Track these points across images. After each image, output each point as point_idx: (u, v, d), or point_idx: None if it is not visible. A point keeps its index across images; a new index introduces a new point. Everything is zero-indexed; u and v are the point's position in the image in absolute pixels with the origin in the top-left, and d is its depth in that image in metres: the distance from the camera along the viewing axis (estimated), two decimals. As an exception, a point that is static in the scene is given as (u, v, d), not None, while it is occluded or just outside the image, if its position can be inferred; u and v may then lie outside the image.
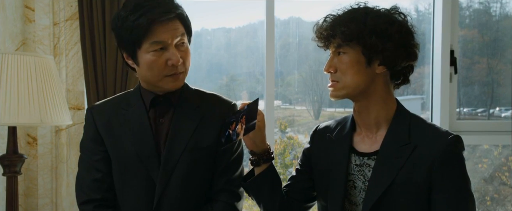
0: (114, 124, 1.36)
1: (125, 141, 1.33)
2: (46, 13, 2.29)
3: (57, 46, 2.31)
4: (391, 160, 1.18)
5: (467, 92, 2.71)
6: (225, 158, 1.38)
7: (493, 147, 2.84)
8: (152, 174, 1.30)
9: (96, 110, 1.40)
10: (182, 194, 1.31)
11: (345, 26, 1.17)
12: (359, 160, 1.25)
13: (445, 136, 1.16)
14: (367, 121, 1.25)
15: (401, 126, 1.21)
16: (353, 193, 1.25)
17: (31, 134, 2.33)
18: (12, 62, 1.75)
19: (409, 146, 1.17)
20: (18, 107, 1.74)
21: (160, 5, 1.22)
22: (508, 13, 2.75)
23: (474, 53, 2.71)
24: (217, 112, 1.37)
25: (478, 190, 2.81)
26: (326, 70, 1.24)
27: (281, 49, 2.83)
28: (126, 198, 1.34)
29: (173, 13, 1.23)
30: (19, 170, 1.90)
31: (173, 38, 1.24)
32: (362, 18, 1.17)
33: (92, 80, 2.22)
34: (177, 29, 1.24)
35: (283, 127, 3.09)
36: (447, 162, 1.14)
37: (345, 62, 1.19)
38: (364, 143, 1.27)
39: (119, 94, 1.46)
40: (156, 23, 1.21)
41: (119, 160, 1.34)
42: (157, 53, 1.24)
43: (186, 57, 1.29)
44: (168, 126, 1.33)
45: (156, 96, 1.34)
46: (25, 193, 2.33)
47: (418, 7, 2.81)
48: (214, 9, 2.71)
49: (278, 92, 2.81)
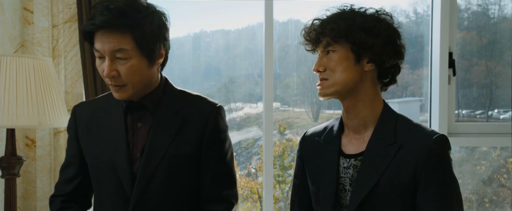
0: (93, 126, 1.34)
1: (100, 146, 1.31)
2: (45, 15, 2.29)
3: (56, 49, 2.31)
4: (377, 160, 1.18)
5: (465, 94, 2.72)
6: (212, 163, 1.32)
7: (491, 149, 2.85)
8: (125, 187, 1.27)
9: (79, 110, 1.40)
10: (160, 206, 1.27)
11: (334, 23, 1.19)
12: (346, 162, 1.25)
13: (430, 136, 1.16)
14: (355, 121, 1.25)
15: (387, 126, 1.22)
16: (343, 196, 1.25)
17: (30, 136, 2.32)
18: (10, 64, 1.75)
19: (394, 146, 1.17)
20: (17, 109, 1.74)
21: (105, 13, 1.14)
22: (506, 15, 2.75)
23: (473, 55, 2.72)
24: (200, 114, 1.31)
25: (477, 192, 2.81)
26: (316, 69, 1.23)
27: (279, 51, 2.83)
28: (103, 205, 1.34)
29: (115, 24, 1.15)
30: (17, 172, 1.90)
31: (108, 50, 1.17)
32: (350, 16, 1.20)
33: (91, 82, 2.22)
34: (112, 42, 1.16)
35: (282, 129, 3.10)
36: (431, 161, 1.14)
37: (334, 59, 1.20)
38: (352, 145, 1.27)
39: (105, 94, 1.43)
40: (97, 31, 1.17)
41: (93, 166, 1.34)
42: (99, 60, 1.21)
43: (126, 72, 1.19)
44: (146, 131, 1.29)
45: (130, 102, 1.30)
46: (24, 196, 2.32)
47: (416, 9, 2.82)
48: (212, 11, 2.71)
49: (276, 94, 2.81)
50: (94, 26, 1.16)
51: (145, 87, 1.27)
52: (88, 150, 1.34)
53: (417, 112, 2.81)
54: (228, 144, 1.37)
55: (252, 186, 3.17)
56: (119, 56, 1.18)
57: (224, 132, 1.36)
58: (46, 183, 2.32)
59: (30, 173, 2.32)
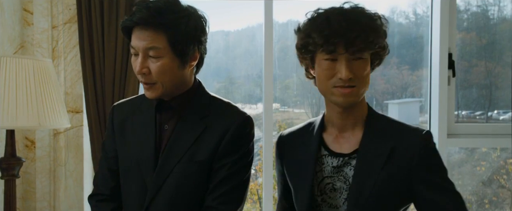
0: (127, 124, 1.37)
1: (131, 143, 1.34)
2: (44, 16, 2.29)
3: (55, 49, 2.31)
4: (372, 158, 1.20)
5: (465, 95, 2.72)
6: (218, 174, 1.28)
7: (491, 149, 2.84)
8: (145, 180, 1.29)
9: (117, 108, 1.43)
10: (172, 205, 1.27)
11: (363, 31, 1.14)
12: (337, 161, 1.25)
13: (419, 132, 1.22)
14: (348, 121, 1.25)
15: (376, 125, 1.25)
16: (333, 195, 1.25)
17: (29, 137, 2.32)
18: (10, 65, 1.75)
19: (388, 144, 1.20)
20: (16, 110, 1.74)
21: (143, 11, 1.18)
22: (505, 16, 2.75)
23: (472, 56, 2.72)
24: (224, 123, 1.28)
25: (477, 193, 2.81)
26: (348, 77, 1.15)
27: (279, 52, 2.83)
28: (124, 199, 1.37)
29: (150, 22, 1.18)
30: (17, 173, 1.90)
31: (142, 48, 1.20)
32: (375, 23, 1.18)
33: (91, 83, 2.22)
34: (146, 40, 1.19)
35: (281, 130, 3.10)
36: (426, 155, 1.19)
37: (363, 67, 1.17)
38: (338, 143, 1.27)
39: (142, 94, 1.43)
40: (134, 28, 1.21)
41: (122, 162, 1.36)
42: (134, 57, 1.24)
43: (157, 70, 1.21)
44: (170, 133, 1.30)
45: (161, 102, 1.31)
46: (23, 197, 2.32)
47: (416, 10, 2.82)
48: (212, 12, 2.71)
49: (276, 95, 2.81)
50: (131, 22, 1.20)
51: (176, 88, 1.28)
52: (121, 147, 1.36)
53: (416, 113, 2.81)
54: (246, 159, 1.32)
55: (252, 187, 3.16)
56: (152, 54, 1.20)
57: (243, 144, 1.30)
58: (46, 184, 2.32)
59: (29, 174, 2.32)
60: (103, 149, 1.44)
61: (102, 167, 1.42)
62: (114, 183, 1.39)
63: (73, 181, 2.34)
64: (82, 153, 2.34)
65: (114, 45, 2.21)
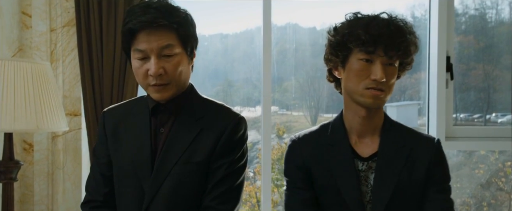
0: (121, 129, 1.36)
1: (125, 148, 1.32)
2: (43, 19, 2.29)
3: (54, 53, 2.31)
4: (392, 161, 1.26)
5: (463, 98, 2.72)
6: (216, 175, 1.29)
7: (489, 152, 2.85)
8: (143, 184, 1.28)
9: (107, 113, 1.41)
10: (170, 207, 1.27)
11: (412, 44, 1.23)
12: (361, 164, 1.29)
13: (432, 139, 1.32)
14: (369, 127, 1.30)
15: (393, 130, 1.31)
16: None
17: (27, 140, 2.32)
18: (8, 68, 1.75)
19: (406, 148, 1.28)
20: (15, 113, 1.73)
21: (149, 12, 1.17)
22: (503, 19, 2.76)
23: (470, 59, 2.73)
24: (219, 124, 1.29)
25: (475, 196, 2.81)
26: (383, 78, 1.19)
27: (278, 55, 2.83)
28: (120, 204, 1.35)
29: (160, 23, 1.17)
30: (15, 177, 1.89)
31: (155, 48, 1.19)
32: (416, 37, 1.26)
33: (89, 86, 2.22)
34: (160, 40, 1.19)
35: (280, 133, 3.10)
36: (440, 161, 1.30)
37: (393, 74, 1.24)
38: (359, 148, 1.31)
39: (134, 99, 1.45)
40: (140, 31, 1.18)
41: (117, 166, 1.35)
42: (140, 61, 1.22)
43: (173, 69, 1.22)
44: (166, 136, 1.30)
45: (157, 105, 1.31)
46: (21, 200, 2.32)
47: (414, 13, 2.83)
48: (210, 15, 2.72)
49: (275, 98, 2.81)
50: (141, 23, 1.17)
51: (181, 88, 1.29)
52: (115, 152, 1.35)
53: (415, 116, 2.81)
54: (242, 159, 1.33)
55: (251, 190, 3.16)
56: (166, 53, 1.20)
57: (239, 145, 1.32)
58: (44, 187, 2.31)
59: (27, 177, 2.31)
60: (95, 155, 1.41)
61: (94, 173, 1.39)
62: (108, 189, 1.37)
63: (71, 184, 2.34)
64: (80, 156, 2.34)
65: (113, 48, 2.21)
